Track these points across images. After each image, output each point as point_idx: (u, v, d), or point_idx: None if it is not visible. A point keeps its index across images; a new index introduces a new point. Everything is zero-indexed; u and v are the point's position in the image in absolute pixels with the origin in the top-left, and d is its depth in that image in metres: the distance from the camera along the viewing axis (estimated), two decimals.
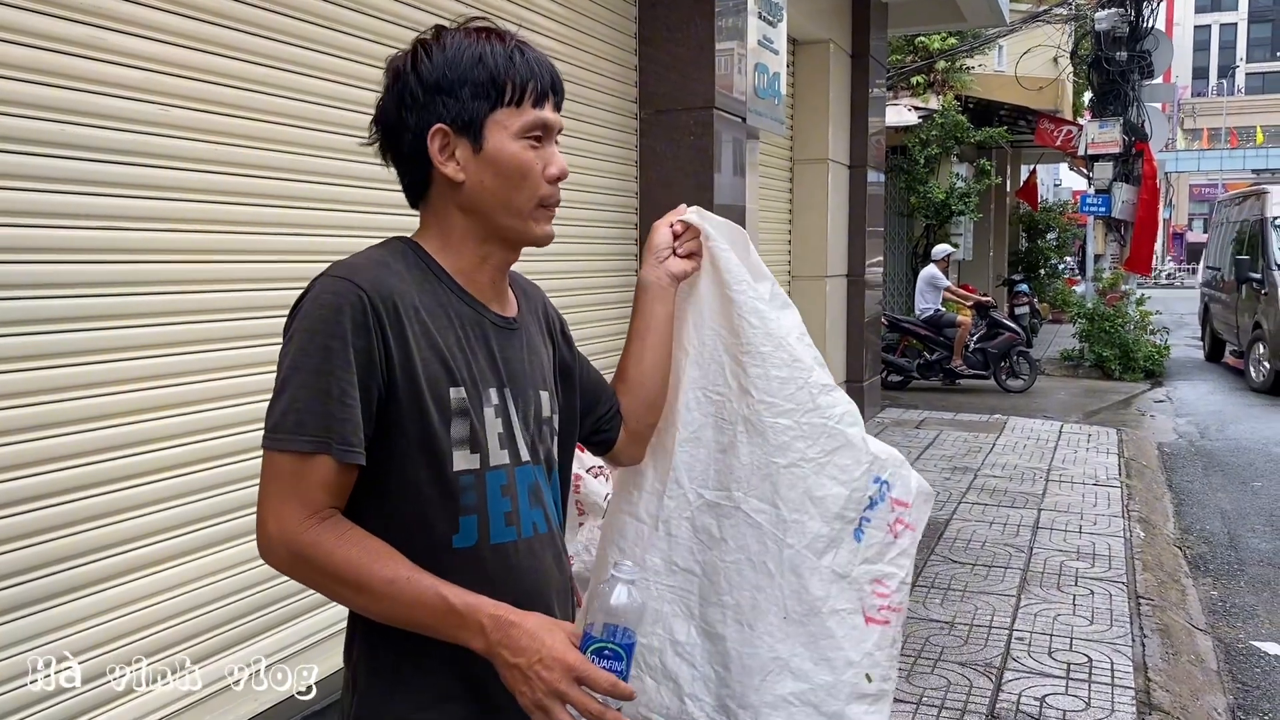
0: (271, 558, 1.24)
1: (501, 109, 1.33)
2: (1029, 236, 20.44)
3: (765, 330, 1.66)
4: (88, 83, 2.38)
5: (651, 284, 1.65)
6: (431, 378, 1.29)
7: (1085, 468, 7.19)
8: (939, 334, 11.28)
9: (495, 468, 1.34)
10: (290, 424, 1.21)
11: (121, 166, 2.47)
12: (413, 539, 1.27)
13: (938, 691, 3.57)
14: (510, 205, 1.36)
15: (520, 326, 1.46)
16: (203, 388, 2.69)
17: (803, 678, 1.62)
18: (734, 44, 5.32)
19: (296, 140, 3.00)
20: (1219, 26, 63.27)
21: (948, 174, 14.55)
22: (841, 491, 1.66)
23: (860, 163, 8.53)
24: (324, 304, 1.24)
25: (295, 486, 1.21)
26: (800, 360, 1.68)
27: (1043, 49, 17.46)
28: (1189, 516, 6.54)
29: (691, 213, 1.68)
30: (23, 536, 2.25)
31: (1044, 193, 23.10)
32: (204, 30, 2.68)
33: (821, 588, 1.64)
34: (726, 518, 1.66)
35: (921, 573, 4.85)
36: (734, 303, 1.66)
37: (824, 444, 1.66)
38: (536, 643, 1.20)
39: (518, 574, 1.35)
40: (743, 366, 1.66)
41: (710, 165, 5.10)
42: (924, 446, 7.84)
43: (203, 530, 2.68)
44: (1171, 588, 4.97)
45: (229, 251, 2.79)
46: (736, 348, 1.66)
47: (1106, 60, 13.59)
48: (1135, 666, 3.81)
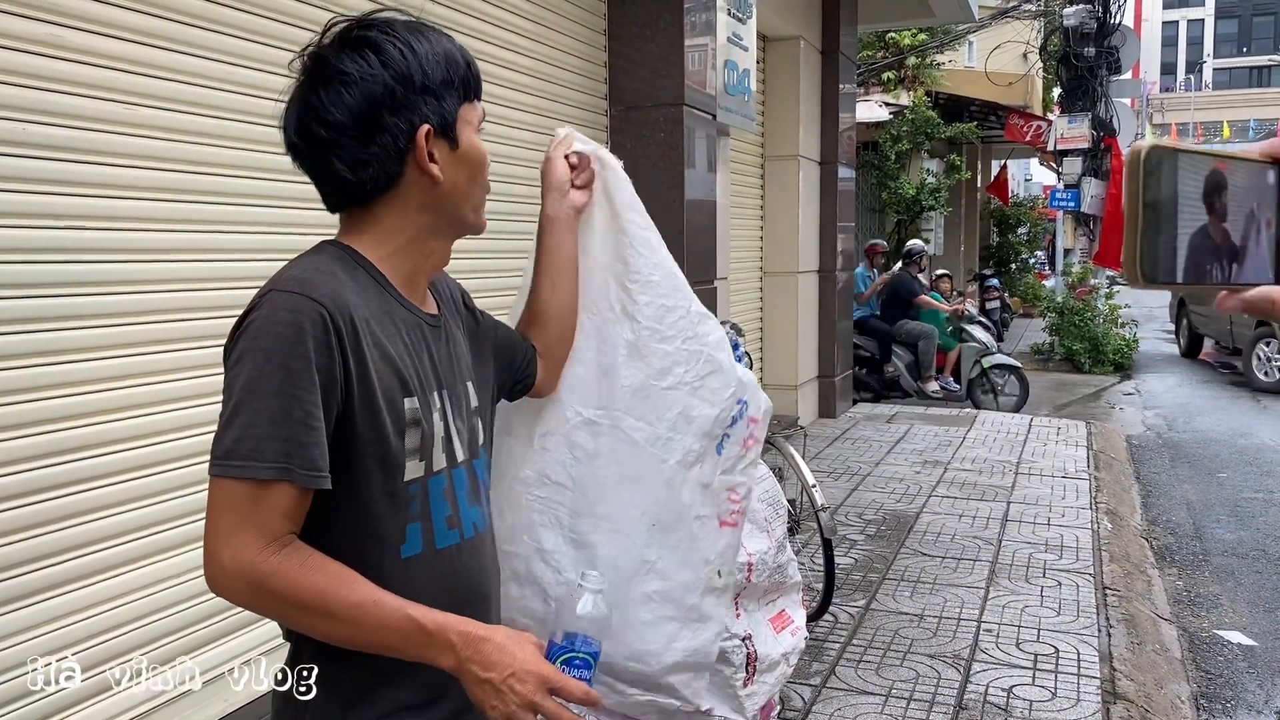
0: (227, 591, 1.18)
1: (465, 104, 1.34)
2: (1000, 231, 20.61)
3: (654, 260, 1.75)
4: (50, 81, 2.36)
5: (559, 218, 1.68)
6: (387, 390, 1.25)
7: (1054, 461, 7.26)
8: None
9: (437, 473, 1.32)
10: (246, 450, 1.15)
11: (85, 166, 2.45)
12: (363, 552, 1.24)
13: (906, 684, 3.60)
14: (469, 198, 1.37)
15: (443, 322, 1.43)
16: (170, 387, 2.68)
17: (666, 576, 1.77)
18: (703, 41, 5.33)
19: (261, 138, 2.97)
20: (1186, 22, 63.89)
21: (919, 169, 14.64)
22: (711, 412, 1.81)
23: (831, 159, 8.57)
24: (280, 321, 1.17)
25: (252, 515, 1.15)
26: (682, 289, 1.79)
27: (1012, 45, 17.59)
28: (1156, 508, 6.62)
29: (577, 141, 1.71)
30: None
31: (1014, 187, 23.28)
32: (168, 28, 2.66)
33: (689, 497, 1.79)
34: (603, 435, 1.75)
35: (891, 566, 4.89)
36: (625, 231, 1.74)
37: (699, 368, 1.80)
38: (507, 656, 1.20)
39: (462, 576, 1.34)
40: (629, 293, 1.74)
41: (681, 162, 5.12)
42: (895, 441, 7.89)
43: (174, 529, 2.67)
44: (1138, 578, 5.03)
45: (195, 250, 2.77)
46: (624, 275, 1.75)
47: (1075, 56, 13.72)
48: (1101, 656, 3.86)
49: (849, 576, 4.71)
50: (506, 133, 4.20)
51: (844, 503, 6.05)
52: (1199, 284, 0.82)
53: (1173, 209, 0.78)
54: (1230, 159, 0.82)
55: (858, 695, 3.52)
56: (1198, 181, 0.80)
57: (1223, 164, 0.81)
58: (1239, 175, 0.82)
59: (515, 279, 4.38)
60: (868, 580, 4.70)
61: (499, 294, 4.16)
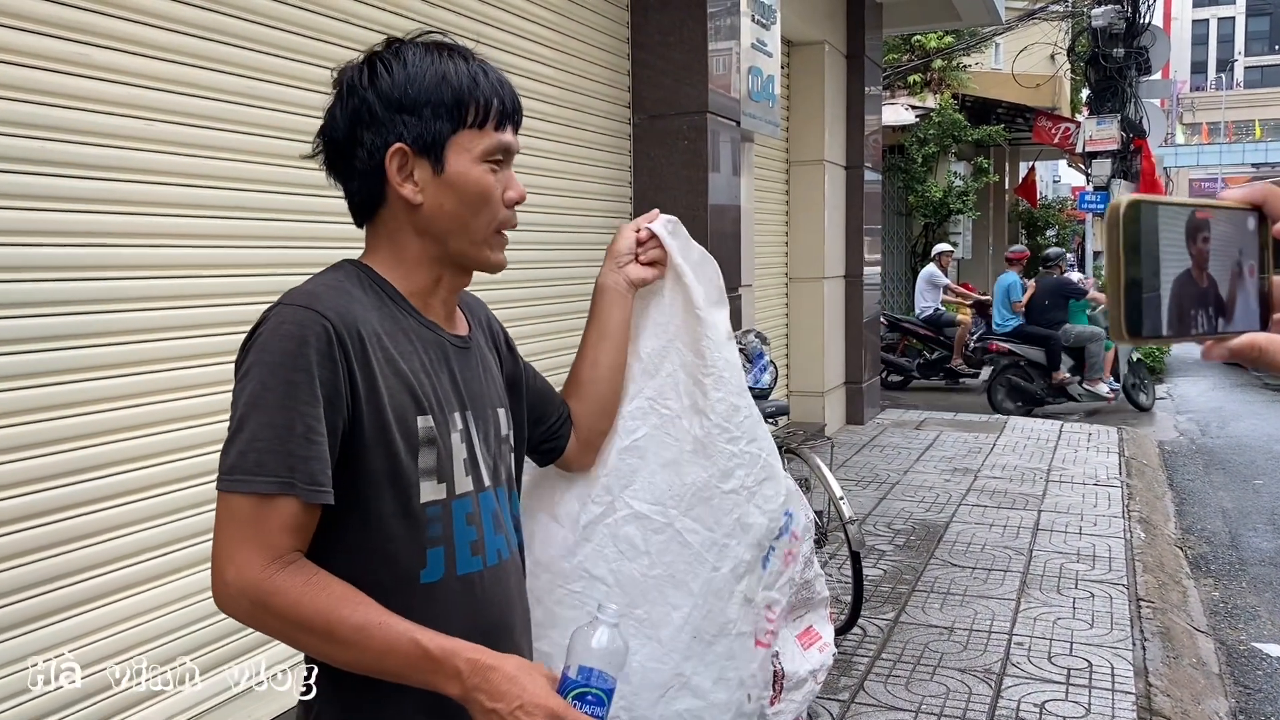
0: (230, 607, 1.16)
1: (464, 131, 1.28)
2: (1028, 234, 20.40)
3: (727, 356, 1.68)
4: (69, 99, 2.36)
5: (610, 288, 1.63)
6: (398, 407, 1.23)
7: (1086, 468, 7.16)
8: (939, 333, 11.23)
9: (461, 496, 1.30)
10: (250, 464, 1.14)
11: (102, 182, 2.45)
12: (379, 575, 1.22)
13: (936, 699, 3.54)
14: (468, 230, 1.31)
15: (473, 344, 1.41)
16: (181, 405, 2.67)
17: (700, 695, 1.66)
18: (727, 47, 5.30)
19: (279, 152, 2.97)
20: (1217, 20, 63.19)
21: (945, 173, 14.54)
22: (764, 521, 1.72)
23: (857, 163, 8.52)
24: (286, 334, 1.17)
25: (256, 530, 1.14)
26: (745, 391, 1.72)
27: (1040, 46, 17.43)
28: (1190, 516, 6.52)
29: (660, 223, 1.65)
30: (8, 557, 2.24)
31: (1043, 189, 23.07)
32: (186, 43, 2.66)
33: (735, 611, 1.69)
34: (656, 532, 1.66)
35: (921, 577, 4.83)
36: (702, 322, 1.66)
37: (757, 474, 1.72)
38: (517, 687, 1.16)
39: (484, 604, 1.31)
40: (703, 388, 1.66)
41: (705, 169, 5.09)
42: (924, 448, 7.82)
43: (184, 549, 2.65)
44: (1172, 589, 4.94)
45: (212, 266, 2.77)
46: (699, 368, 1.67)
47: (1104, 57, 13.54)
48: (1136, 671, 3.78)
49: (878, 588, 4.65)
50: (528, 143, 4.18)
51: (872, 512, 5.99)
52: (1184, 337, 0.82)
53: (1155, 262, 0.78)
54: (1210, 208, 0.82)
55: (887, 711, 3.46)
56: (1179, 233, 0.80)
57: (1203, 213, 0.81)
58: (1220, 224, 0.82)
59: (531, 291, 4.37)
60: (897, 592, 4.64)
61: (511, 305, 4.17)
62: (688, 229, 1.72)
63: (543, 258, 4.44)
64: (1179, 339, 0.81)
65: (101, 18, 2.43)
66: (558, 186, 4.52)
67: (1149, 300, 0.78)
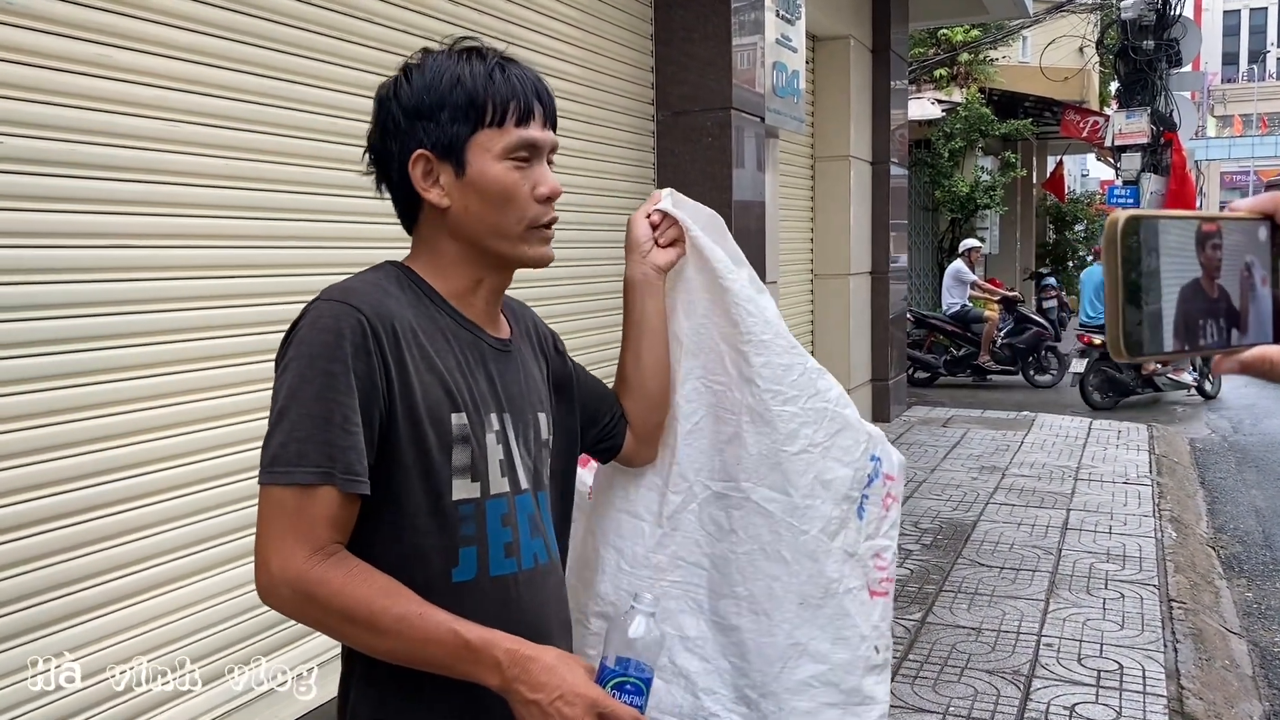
0: (274, 599, 1.18)
1: (483, 131, 1.28)
2: (1056, 229, 20.22)
3: (763, 317, 1.62)
4: (96, 101, 2.37)
5: (639, 280, 1.60)
6: (432, 403, 1.24)
7: (1115, 466, 7.08)
8: (966, 329, 11.15)
9: (496, 496, 1.30)
10: (291, 455, 1.16)
11: (129, 184, 2.46)
12: (411, 572, 1.22)
13: (964, 701, 3.51)
14: (498, 229, 1.31)
15: (515, 348, 1.42)
16: (210, 405, 2.68)
17: (821, 659, 1.63)
18: (751, 43, 5.26)
19: (304, 152, 2.98)
20: (1249, 10, 62.32)
21: (972, 167, 14.42)
22: (847, 473, 1.68)
23: (883, 158, 8.46)
24: (323, 328, 1.19)
25: (298, 522, 1.16)
26: (795, 345, 1.65)
27: (1068, 39, 17.24)
28: (1222, 515, 6.43)
29: (665, 200, 1.62)
30: (40, 557, 2.25)
31: (1071, 184, 22.85)
32: (210, 44, 2.66)
33: (835, 569, 1.65)
34: (736, 508, 1.64)
35: (948, 577, 4.79)
36: (728, 291, 1.61)
37: (827, 427, 1.66)
38: (556, 678, 1.16)
39: (518, 607, 1.30)
40: (744, 356, 1.62)
41: (729, 165, 5.06)
42: (951, 445, 7.75)
43: (216, 547, 2.66)
44: (1205, 590, 4.87)
45: (237, 267, 2.77)
46: (736, 337, 1.62)
47: (1133, 49, 13.37)
48: (1167, 673, 3.73)
49: (904, 588, 4.61)
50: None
51: None
52: (1191, 351, 0.79)
53: (1156, 278, 0.76)
54: (1217, 219, 0.80)
55: (914, 713, 3.43)
56: (1183, 246, 0.77)
57: (1210, 225, 0.79)
58: (1230, 235, 0.80)
59: (556, 289, 4.36)
60: (924, 592, 4.60)
61: (536, 302, 4.15)
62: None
63: (567, 256, 4.42)
64: (1185, 354, 0.79)
65: (123, 19, 2.44)
66: (581, 184, 4.50)
67: (1150, 316, 0.75)
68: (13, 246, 2.21)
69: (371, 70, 3.18)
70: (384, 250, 1.42)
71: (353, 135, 3.08)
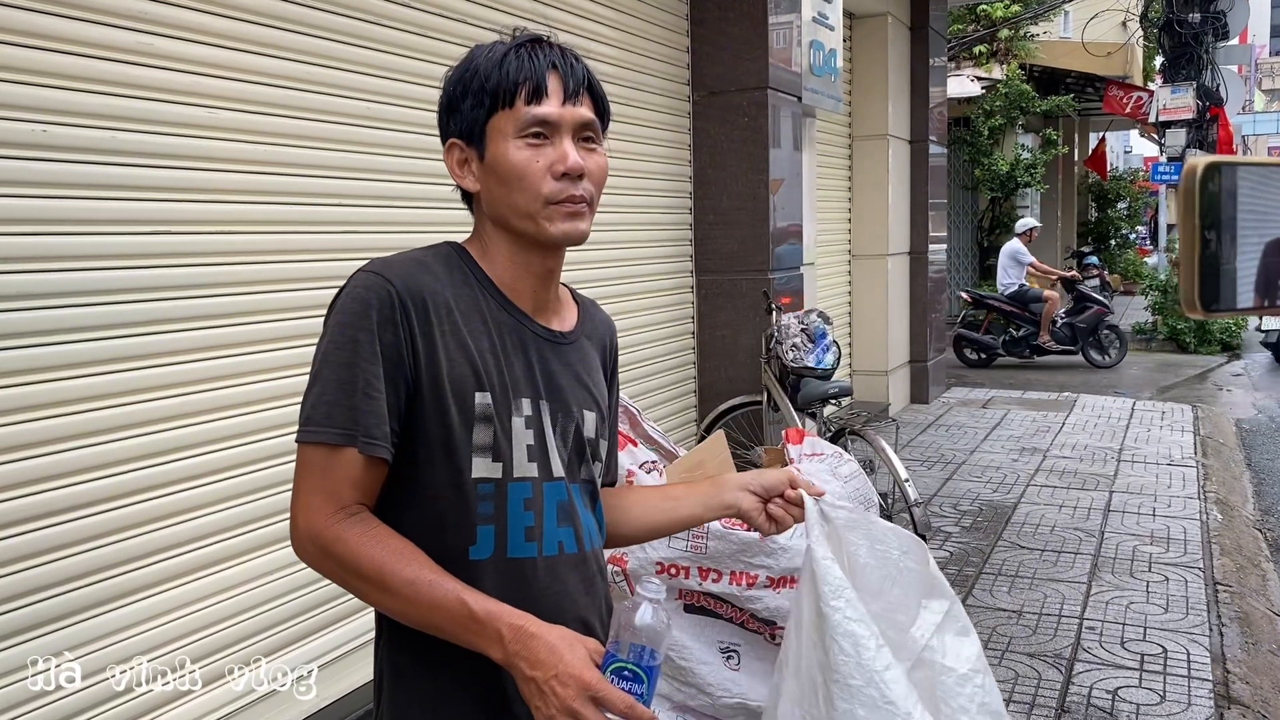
0: (301, 551, 1.24)
1: (498, 113, 1.31)
2: (1098, 207, 19.92)
3: (859, 660, 1.43)
4: (137, 89, 2.40)
5: (717, 494, 1.53)
6: (457, 378, 1.27)
7: (1159, 447, 6.99)
8: (1024, 309, 11.00)
9: (520, 479, 1.31)
10: (320, 416, 1.22)
11: (172, 171, 2.48)
12: (431, 543, 1.25)
13: (1005, 684, 3.48)
14: (517, 208, 1.32)
15: (572, 344, 1.42)
16: (259, 388, 2.71)
17: None
18: (788, 21, 5.22)
19: (343, 138, 2.99)
20: None
21: (1013, 145, 14.22)
22: None
23: (921, 137, 8.36)
24: (355, 297, 1.25)
25: (324, 480, 1.22)
26: (890, 700, 1.43)
27: (1110, 13, 16.94)
28: (1269, 497, 6.32)
29: (814, 507, 1.47)
30: (39, 553, 2.22)
31: (1113, 161, 22.48)
32: (246, 30, 2.68)
33: None
34: None
35: (988, 559, 4.75)
36: (827, 619, 1.45)
37: None
38: (555, 657, 1.17)
39: (535, 592, 1.31)
40: (830, 696, 1.45)
41: (765, 146, 5.03)
42: (991, 427, 7.68)
43: (211, 546, 2.63)
44: (1251, 573, 4.80)
45: (281, 251, 2.80)
46: (827, 670, 1.46)
47: (1178, 23, 13.13)
48: (1213, 657, 3.68)
49: (944, 570, 4.56)
50: None
51: (938, 493, 5.90)
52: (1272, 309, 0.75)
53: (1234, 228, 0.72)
54: None
55: None
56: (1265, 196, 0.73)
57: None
58: None
59: (593, 272, 4.34)
60: (963, 575, 4.57)
61: (573, 284, 4.15)
62: (748, 207, 1.58)
63: (602, 238, 4.42)
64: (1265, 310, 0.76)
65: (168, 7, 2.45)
66: (617, 166, 4.46)
67: (1227, 270, 0.72)
68: (68, 234, 2.25)
69: (411, 55, 3.19)
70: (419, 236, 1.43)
71: (401, 122, 3.10)
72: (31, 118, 2.17)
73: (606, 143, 1.42)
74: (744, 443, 4.84)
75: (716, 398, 5.17)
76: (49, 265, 2.23)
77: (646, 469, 2.79)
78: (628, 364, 4.69)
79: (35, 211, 2.19)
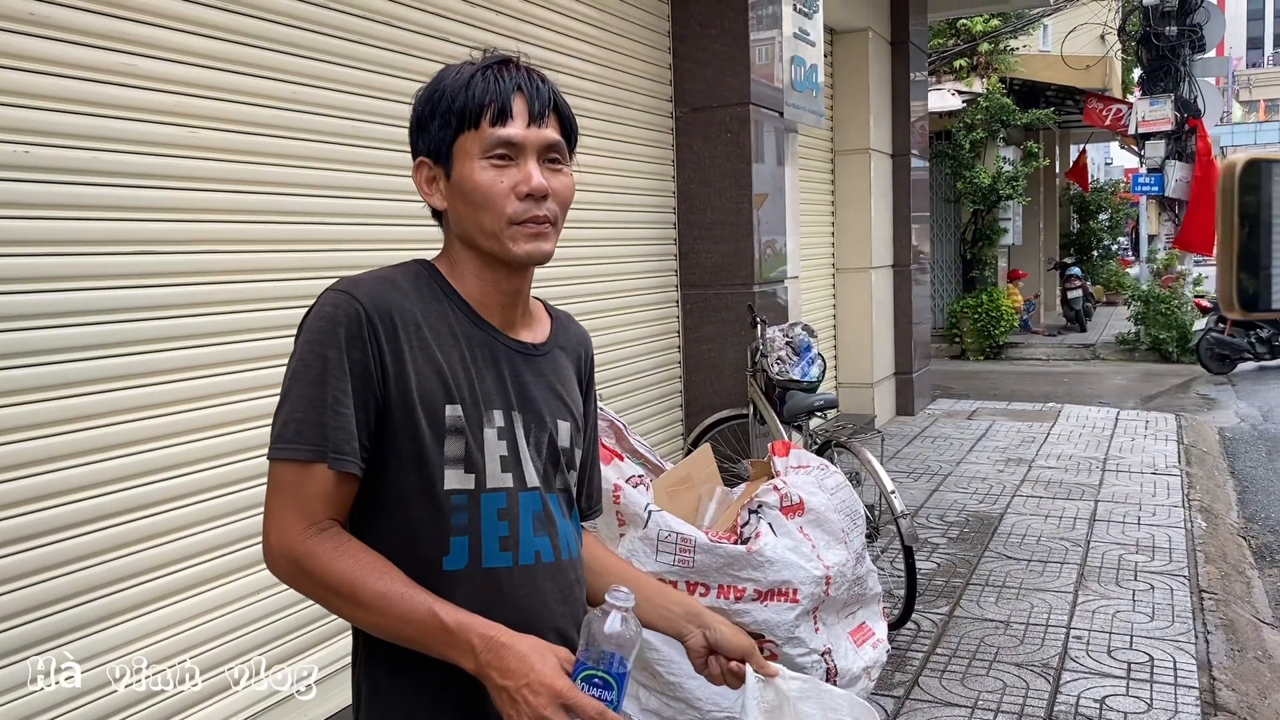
0: (274, 568, 1.25)
1: (464, 134, 1.33)
2: (1080, 218, 20.04)
3: None
4: (119, 109, 2.40)
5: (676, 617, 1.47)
6: (426, 393, 1.29)
7: (1143, 456, 7.02)
8: None
9: (493, 490, 1.32)
10: (290, 433, 1.24)
11: (155, 191, 2.48)
12: (404, 556, 1.27)
13: (993, 694, 3.49)
14: (482, 228, 1.34)
15: (544, 355, 1.44)
16: (243, 407, 2.70)
17: None
18: (769, 37, 5.25)
19: (325, 156, 3.00)
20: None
21: (994, 158, 14.31)
22: None
23: (903, 151, 8.42)
24: (324, 316, 1.27)
25: (294, 496, 1.23)
26: None
27: (1089, 27, 17.10)
28: (1253, 504, 6.36)
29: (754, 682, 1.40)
30: (45, 568, 2.25)
31: (1094, 172, 22.65)
32: (227, 50, 2.69)
33: None
34: None
35: (975, 570, 4.76)
36: None
37: None
38: (525, 666, 1.18)
39: (510, 601, 1.32)
40: None
41: (748, 161, 5.05)
42: (976, 438, 7.71)
43: (217, 559, 2.65)
44: (1236, 580, 4.83)
45: (264, 270, 2.80)
46: None
47: (1156, 36, 13.28)
48: (1199, 665, 3.70)
49: (931, 582, 4.59)
50: None
51: (924, 504, 5.91)
52: None
53: (1275, 228, 0.71)
54: None
55: (942, 707, 3.42)
56: None
57: None
58: None
59: (575, 288, 4.35)
60: (950, 585, 4.58)
61: (555, 300, 4.15)
62: (732, 222, 1.59)
63: (587, 254, 4.43)
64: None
65: (142, 27, 2.46)
66: (601, 183, 4.51)
67: (1267, 270, 0.71)
68: (47, 255, 2.24)
69: (389, 73, 3.20)
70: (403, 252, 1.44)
71: (378, 139, 3.11)
72: (13, 139, 2.18)
73: (590, 159, 1.44)
74: (731, 456, 4.84)
75: (702, 411, 5.18)
76: (31, 286, 2.22)
77: (633, 483, 2.80)
78: (614, 378, 4.70)
79: (17, 232, 2.19)
